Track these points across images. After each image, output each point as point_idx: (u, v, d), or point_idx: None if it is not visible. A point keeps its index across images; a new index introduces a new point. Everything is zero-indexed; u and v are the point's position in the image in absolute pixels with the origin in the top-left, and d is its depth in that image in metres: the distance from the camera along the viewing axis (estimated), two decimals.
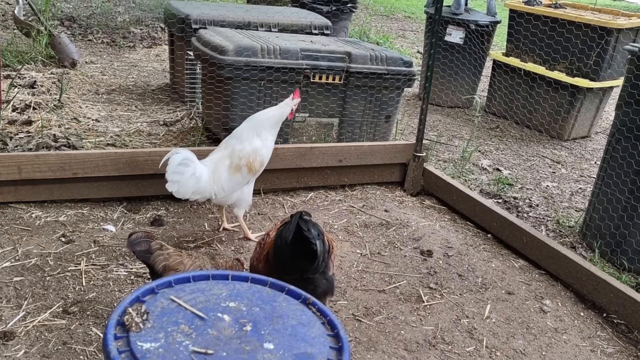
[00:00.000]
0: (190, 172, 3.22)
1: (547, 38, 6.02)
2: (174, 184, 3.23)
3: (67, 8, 9.08)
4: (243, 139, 3.40)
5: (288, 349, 1.41)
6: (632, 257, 3.63)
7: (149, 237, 2.41)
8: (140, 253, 2.35)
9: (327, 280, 2.53)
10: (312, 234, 2.33)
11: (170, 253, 2.38)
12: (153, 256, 2.35)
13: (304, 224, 2.35)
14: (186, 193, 3.25)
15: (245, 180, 3.41)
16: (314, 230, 2.36)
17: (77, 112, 5.15)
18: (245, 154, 3.35)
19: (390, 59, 4.58)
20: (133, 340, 1.34)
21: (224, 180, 3.34)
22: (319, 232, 2.40)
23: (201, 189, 3.29)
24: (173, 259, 2.36)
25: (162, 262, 2.34)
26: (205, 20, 5.20)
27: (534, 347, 2.94)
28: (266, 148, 3.43)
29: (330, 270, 2.57)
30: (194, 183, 3.24)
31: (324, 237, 2.46)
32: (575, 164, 5.65)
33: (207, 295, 1.55)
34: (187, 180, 3.22)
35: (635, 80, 3.48)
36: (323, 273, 2.49)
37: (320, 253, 2.36)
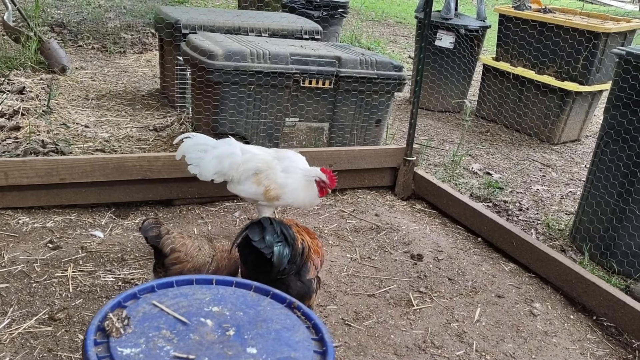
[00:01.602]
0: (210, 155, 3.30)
1: (537, 42, 6.06)
2: (195, 168, 3.33)
3: (57, 14, 9.05)
4: (289, 168, 3.36)
5: (271, 354, 1.39)
6: (622, 259, 3.64)
7: (159, 223, 2.56)
8: (152, 238, 2.52)
9: (302, 283, 2.52)
10: (267, 242, 2.32)
11: (175, 236, 2.58)
12: (162, 240, 2.53)
13: (256, 231, 2.33)
14: (208, 175, 3.35)
15: (257, 197, 3.36)
16: (270, 237, 2.34)
17: (66, 118, 5.12)
18: (272, 179, 3.30)
19: (380, 63, 4.59)
20: (113, 345, 1.32)
21: (243, 177, 3.34)
22: (287, 240, 2.40)
23: (224, 171, 3.35)
24: (178, 241, 2.56)
25: (169, 245, 2.54)
26: (194, 25, 5.20)
27: (524, 351, 2.93)
28: (291, 190, 3.32)
29: (308, 273, 2.56)
30: (215, 165, 3.32)
31: (296, 241, 2.46)
32: (565, 167, 5.67)
33: (190, 300, 1.53)
34: (208, 162, 3.31)
35: (623, 83, 3.50)
36: (298, 275, 2.50)
37: (279, 259, 2.35)
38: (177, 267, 2.52)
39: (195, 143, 3.37)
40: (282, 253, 2.38)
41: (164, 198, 3.92)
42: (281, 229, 2.43)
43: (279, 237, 2.39)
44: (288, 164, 3.39)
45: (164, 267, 2.55)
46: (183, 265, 2.52)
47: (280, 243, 2.38)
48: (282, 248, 2.37)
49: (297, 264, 2.48)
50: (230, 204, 4.09)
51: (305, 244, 2.57)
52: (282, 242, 2.40)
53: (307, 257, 2.55)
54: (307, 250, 2.56)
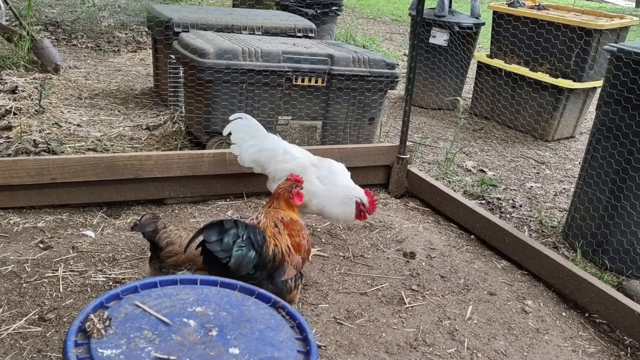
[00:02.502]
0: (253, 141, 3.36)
1: (531, 39, 6.05)
2: (237, 148, 3.40)
3: (51, 13, 9.02)
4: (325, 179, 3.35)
5: (254, 354, 1.39)
6: (614, 256, 3.64)
7: (155, 218, 2.59)
8: (149, 233, 2.54)
9: (274, 286, 2.41)
10: (224, 245, 2.16)
11: (171, 229, 2.61)
12: (159, 234, 2.55)
13: (212, 233, 2.18)
14: (246, 160, 3.41)
15: None
16: (228, 239, 2.18)
17: (58, 117, 5.11)
18: (307, 185, 3.16)
19: (372, 61, 4.58)
20: (94, 347, 1.31)
21: (278, 175, 3.32)
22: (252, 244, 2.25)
23: (260, 162, 3.40)
24: (173, 234, 2.58)
25: (165, 239, 2.56)
26: (187, 23, 5.18)
27: (516, 348, 2.93)
28: (321, 200, 3.28)
29: (284, 275, 2.47)
30: (253, 152, 3.38)
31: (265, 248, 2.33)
32: (559, 164, 5.67)
33: (173, 300, 1.52)
34: (248, 148, 3.37)
35: (614, 80, 3.50)
36: (270, 278, 2.40)
37: (237, 264, 2.19)
38: (173, 259, 2.54)
39: (247, 125, 3.40)
40: (244, 258, 2.22)
41: (156, 197, 3.91)
42: (247, 233, 2.26)
43: (243, 242, 2.22)
44: (325, 174, 3.36)
45: (159, 259, 2.56)
46: (178, 257, 2.53)
47: (242, 247, 2.21)
48: (244, 252, 2.21)
49: (268, 269, 2.36)
50: (222, 202, 4.08)
51: (279, 249, 2.44)
52: (246, 246, 2.23)
53: (282, 262, 2.45)
54: (282, 255, 2.45)
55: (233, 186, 4.10)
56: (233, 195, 4.15)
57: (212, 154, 3.96)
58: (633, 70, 3.37)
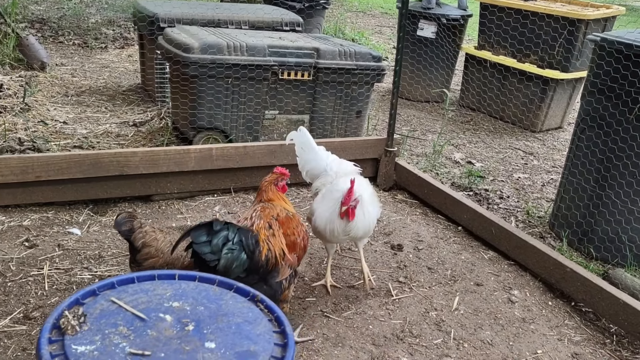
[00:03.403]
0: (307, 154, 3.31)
1: (518, 30, 6.06)
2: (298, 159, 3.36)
3: (37, 10, 8.94)
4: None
5: (230, 347, 1.39)
6: (599, 245, 3.66)
7: (132, 217, 2.56)
8: (125, 232, 2.52)
9: (269, 287, 2.35)
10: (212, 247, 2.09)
11: (147, 230, 2.56)
12: (134, 234, 2.52)
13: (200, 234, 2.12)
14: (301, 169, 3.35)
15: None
16: (217, 241, 2.11)
17: (44, 115, 5.07)
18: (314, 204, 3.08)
19: (359, 54, 4.57)
20: (68, 343, 1.30)
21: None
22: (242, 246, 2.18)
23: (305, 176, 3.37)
24: (149, 236, 2.54)
25: (140, 239, 2.52)
26: (173, 18, 5.14)
27: (502, 338, 2.95)
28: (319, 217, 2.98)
29: (278, 277, 2.41)
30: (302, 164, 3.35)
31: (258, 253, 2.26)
32: (547, 155, 5.69)
33: (150, 296, 1.52)
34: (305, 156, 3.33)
35: (598, 69, 3.51)
36: (263, 280, 2.33)
37: (226, 266, 2.11)
38: (149, 262, 2.50)
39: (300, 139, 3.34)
40: (234, 261, 2.14)
41: (143, 194, 3.90)
42: (239, 236, 2.18)
43: (234, 245, 2.14)
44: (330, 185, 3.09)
45: (137, 262, 2.53)
46: (155, 260, 2.50)
47: (233, 250, 2.13)
48: (234, 255, 2.14)
49: (261, 273, 2.30)
50: (210, 198, 4.08)
51: (272, 254, 2.36)
52: (237, 249, 2.15)
53: (275, 264, 2.38)
54: (275, 259, 2.37)
55: (220, 182, 4.09)
56: (220, 190, 4.14)
57: (198, 149, 3.95)
58: (616, 59, 3.37)
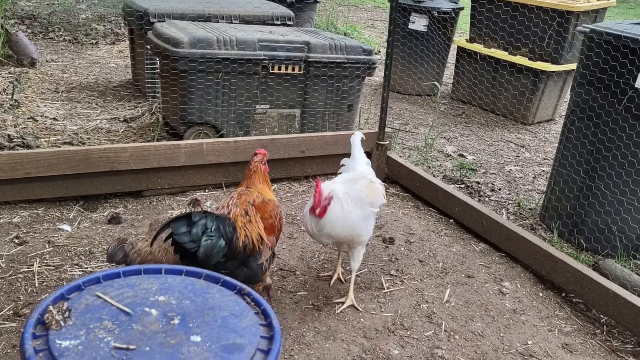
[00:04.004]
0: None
1: (509, 23, 6.05)
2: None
3: (27, 6, 8.87)
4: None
5: (216, 341, 1.39)
6: (589, 236, 3.67)
7: (122, 243, 2.52)
8: (121, 260, 2.49)
9: (249, 269, 2.47)
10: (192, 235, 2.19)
11: (141, 248, 2.51)
12: (129, 259, 2.50)
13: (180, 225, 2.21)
14: None
15: None
16: (196, 230, 2.21)
17: (34, 112, 5.04)
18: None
19: (349, 47, 4.56)
20: (52, 338, 1.30)
21: None
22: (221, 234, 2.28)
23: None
24: (144, 252, 2.51)
25: (136, 259, 2.50)
26: (163, 13, 5.11)
27: (492, 329, 2.96)
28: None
29: (259, 259, 2.51)
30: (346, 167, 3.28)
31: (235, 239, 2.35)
32: (539, 147, 5.70)
33: (135, 290, 1.51)
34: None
35: (587, 61, 3.51)
36: (244, 263, 2.44)
37: (207, 253, 2.23)
38: None
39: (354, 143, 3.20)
40: (213, 248, 2.25)
41: (133, 189, 3.89)
42: (217, 224, 2.29)
43: (212, 232, 2.25)
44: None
45: None
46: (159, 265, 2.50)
47: (212, 237, 2.25)
48: (213, 242, 2.25)
49: (240, 259, 2.40)
50: (201, 193, 4.07)
51: (249, 239, 2.44)
52: (215, 236, 2.26)
53: (253, 250, 2.46)
54: (252, 245, 2.46)
55: (211, 177, 4.08)
56: (212, 185, 4.13)
57: (189, 144, 3.94)
58: (605, 51, 3.38)
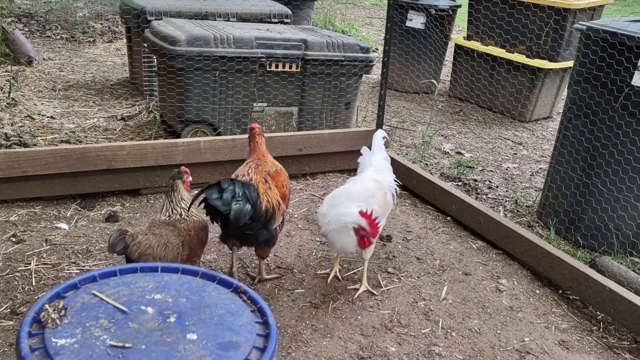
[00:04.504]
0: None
1: (507, 20, 6.05)
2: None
3: (24, 4, 8.86)
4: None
5: (212, 339, 1.39)
6: (586, 233, 3.68)
7: (123, 234, 2.52)
8: (121, 251, 2.50)
9: (268, 232, 2.81)
10: (224, 200, 2.53)
11: (140, 240, 2.53)
12: (129, 250, 2.50)
13: (212, 192, 2.56)
14: None
15: None
16: (226, 196, 2.54)
17: (31, 110, 5.04)
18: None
19: (347, 45, 4.56)
20: (48, 337, 1.30)
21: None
22: (247, 198, 2.59)
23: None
24: (143, 245, 2.53)
25: (136, 251, 2.51)
26: (160, 11, 5.11)
27: (489, 326, 2.97)
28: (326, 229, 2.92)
29: (274, 223, 2.82)
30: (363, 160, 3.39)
31: (259, 203, 2.66)
32: (536, 144, 5.71)
33: (132, 289, 1.52)
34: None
35: (584, 58, 3.51)
36: (265, 227, 2.77)
37: (238, 216, 2.57)
38: None
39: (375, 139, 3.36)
40: (242, 211, 2.58)
41: (131, 188, 3.88)
42: (243, 189, 2.61)
43: (240, 197, 2.58)
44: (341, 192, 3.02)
45: None
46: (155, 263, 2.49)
47: (239, 202, 2.57)
48: (241, 206, 2.57)
49: (262, 221, 2.71)
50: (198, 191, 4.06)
51: (270, 205, 2.74)
52: (243, 201, 2.58)
53: (273, 214, 2.77)
54: (272, 209, 2.75)
55: (208, 175, 4.07)
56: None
57: (186, 142, 3.93)
58: (601, 48, 3.38)
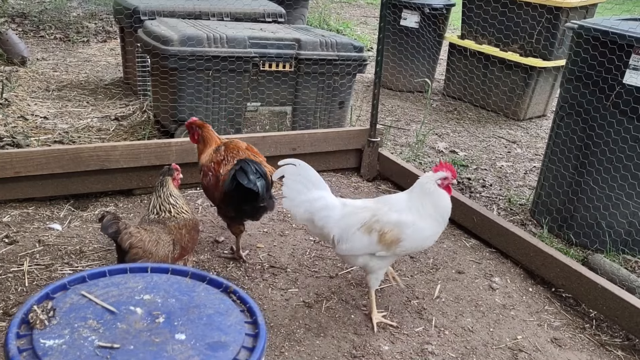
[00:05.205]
0: (307, 197, 2.79)
1: (500, 19, 6.07)
2: (287, 201, 2.79)
3: (17, 4, 8.83)
4: (396, 206, 2.79)
5: (200, 339, 1.39)
6: (578, 231, 3.70)
7: (116, 219, 2.54)
8: (112, 234, 2.52)
9: (272, 199, 3.16)
10: (252, 180, 2.90)
11: (132, 232, 2.55)
12: (120, 236, 2.52)
13: (243, 176, 2.91)
14: (297, 217, 2.82)
15: (372, 248, 2.73)
16: (252, 177, 2.91)
17: (24, 110, 5.02)
18: (384, 220, 2.72)
19: (340, 44, 4.56)
20: (36, 338, 1.30)
21: (350, 231, 2.74)
22: (260, 174, 2.96)
23: (319, 224, 2.78)
24: (135, 237, 2.54)
25: (127, 240, 2.53)
26: (154, 11, 5.10)
27: (482, 324, 2.98)
28: (414, 229, 2.72)
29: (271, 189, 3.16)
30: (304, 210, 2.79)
31: (268, 174, 3.02)
32: (530, 143, 5.72)
33: (121, 289, 1.52)
34: (300, 204, 2.78)
35: (575, 57, 3.53)
36: (270, 197, 3.12)
37: (262, 191, 2.95)
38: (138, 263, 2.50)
39: (301, 174, 2.81)
40: (264, 186, 2.96)
41: (124, 188, 3.88)
42: (257, 167, 2.97)
43: (258, 174, 2.95)
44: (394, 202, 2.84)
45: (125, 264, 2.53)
46: (143, 262, 2.50)
47: (260, 178, 2.95)
48: (262, 182, 2.96)
49: (269, 189, 3.07)
50: (193, 191, 4.07)
51: (269, 175, 3.04)
52: (261, 177, 2.97)
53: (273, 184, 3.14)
54: (271, 178, 3.05)
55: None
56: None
57: (179, 142, 3.93)
58: (593, 47, 3.40)
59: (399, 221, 2.71)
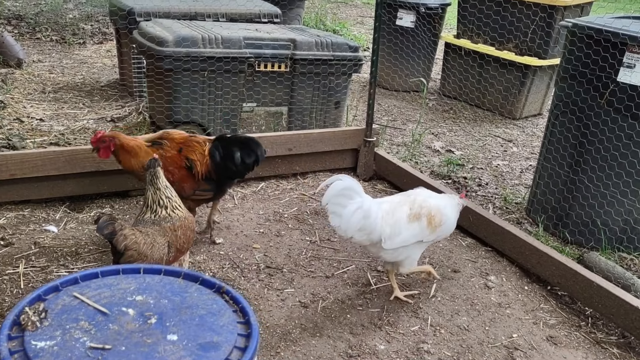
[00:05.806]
0: (355, 205, 2.79)
1: (495, 18, 6.08)
2: (336, 218, 2.79)
3: (13, 6, 8.82)
4: (427, 194, 3.06)
5: (193, 339, 1.39)
6: (573, 229, 3.70)
7: (112, 220, 2.54)
8: (107, 235, 2.51)
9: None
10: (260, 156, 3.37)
11: (127, 234, 2.54)
12: (116, 237, 2.51)
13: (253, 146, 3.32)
14: (349, 230, 2.80)
15: (421, 235, 2.93)
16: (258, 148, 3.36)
17: (20, 112, 5.02)
18: (427, 205, 2.94)
19: (335, 44, 4.57)
20: (27, 339, 1.30)
21: (402, 225, 2.88)
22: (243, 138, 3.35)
23: (370, 227, 2.82)
24: (130, 239, 2.53)
25: (122, 242, 2.51)
26: (150, 12, 5.09)
27: (478, 323, 2.98)
28: (448, 214, 3.02)
29: None
30: (359, 219, 2.78)
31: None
32: (526, 141, 5.73)
33: (113, 290, 1.52)
34: (351, 215, 2.77)
35: (570, 55, 3.53)
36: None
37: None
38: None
39: (344, 187, 2.80)
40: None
41: (120, 189, 3.88)
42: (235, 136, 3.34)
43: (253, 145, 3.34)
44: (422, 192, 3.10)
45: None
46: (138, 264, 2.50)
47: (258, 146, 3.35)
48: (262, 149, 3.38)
49: None
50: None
51: None
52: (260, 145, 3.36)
53: None
54: None
55: None
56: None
57: None
58: (587, 45, 3.40)
59: (439, 204, 3.01)
